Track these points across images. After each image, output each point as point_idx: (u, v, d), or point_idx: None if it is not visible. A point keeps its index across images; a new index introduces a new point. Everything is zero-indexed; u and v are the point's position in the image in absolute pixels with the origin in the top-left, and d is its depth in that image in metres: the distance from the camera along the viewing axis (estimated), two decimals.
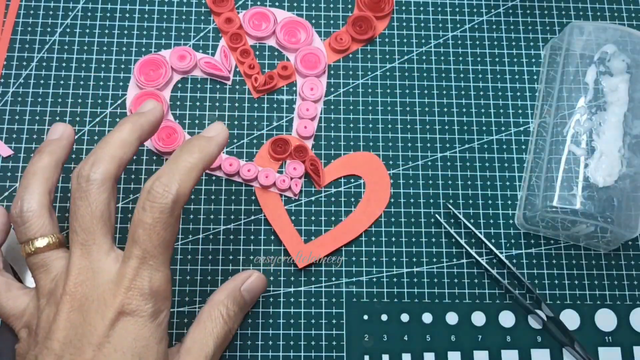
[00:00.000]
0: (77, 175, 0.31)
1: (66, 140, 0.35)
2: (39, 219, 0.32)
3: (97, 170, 0.30)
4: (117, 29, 0.44)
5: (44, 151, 0.34)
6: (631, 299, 0.40)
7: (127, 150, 0.32)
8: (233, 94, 0.43)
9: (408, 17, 0.45)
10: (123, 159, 0.31)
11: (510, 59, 0.45)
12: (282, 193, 0.41)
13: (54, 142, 0.34)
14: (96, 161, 0.31)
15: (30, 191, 0.32)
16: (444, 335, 0.39)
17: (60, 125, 0.35)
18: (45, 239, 0.31)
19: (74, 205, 0.31)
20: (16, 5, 0.44)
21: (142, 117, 0.33)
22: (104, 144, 0.32)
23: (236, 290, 0.36)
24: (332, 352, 0.38)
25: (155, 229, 0.29)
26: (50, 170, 0.33)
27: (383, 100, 0.43)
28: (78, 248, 0.30)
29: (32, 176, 0.32)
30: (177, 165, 0.30)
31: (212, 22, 0.45)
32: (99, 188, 0.30)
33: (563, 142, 0.39)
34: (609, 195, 0.38)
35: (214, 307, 0.34)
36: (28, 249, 0.31)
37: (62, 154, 0.34)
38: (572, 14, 0.46)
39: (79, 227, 0.30)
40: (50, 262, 0.31)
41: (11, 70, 0.43)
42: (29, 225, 0.31)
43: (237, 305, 0.35)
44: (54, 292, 0.30)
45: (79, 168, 0.31)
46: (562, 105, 0.40)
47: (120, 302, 0.29)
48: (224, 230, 0.40)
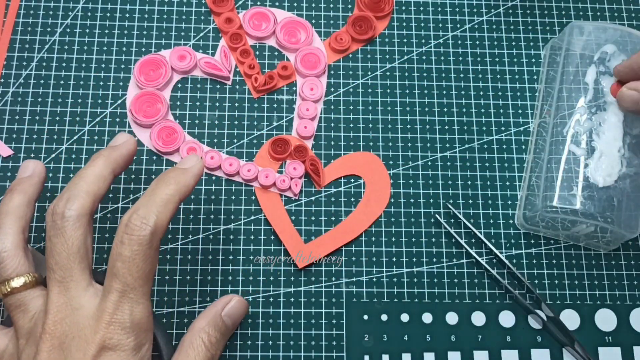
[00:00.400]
0: (52, 213, 0.31)
1: (37, 177, 0.34)
2: (13, 259, 0.31)
3: (72, 207, 0.30)
4: (117, 29, 0.44)
5: (15, 190, 0.33)
6: (631, 299, 0.40)
7: (101, 185, 0.32)
8: (233, 94, 0.43)
9: (408, 17, 0.45)
10: (97, 193, 0.31)
11: (510, 59, 0.45)
12: (282, 193, 0.41)
13: (25, 180, 0.34)
14: (71, 197, 0.31)
15: (3, 232, 0.31)
16: (444, 335, 0.39)
17: (31, 162, 0.35)
18: (21, 279, 0.31)
19: (50, 243, 0.30)
20: (16, 5, 0.44)
21: (115, 151, 0.33)
22: (78, 180, 0.32)
23: (217, 316, 0.35)
24: (332, 352, 0.38)
25: (135, 261, 0.29)
26: (22, 209, 0.32)
27: (383, 100, 0.43)
28: (56, 285, 0.30)
29: (4, 216, 0.32)
30: (154, 198, 0.31)
31: (212, 22, 0.45)
32: (74, 224, 0.30)
33: (563, 142, 0.39)
34: (609, 195, 0.38)
35: (195, 334, 0.34)
36: (4, 289, 0.31)
37: (34, 191, 0.34)
38: (572, 14, 0.46)
39: (56, 265, 0.30)
40: (28, 302, 0.31)
41: (11, 70, 0.43)
42: (3, 265, 0.31)
43: (219, 332, 0.35)
44: (33, 332, 0.30)
45: (53, 205, 0.31)
46: (562, 105, 0.40)
47: (102, 337, 0.29)
48: (224, 230, 0.40)
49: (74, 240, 0.30)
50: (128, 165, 0.34)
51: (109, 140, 0.41)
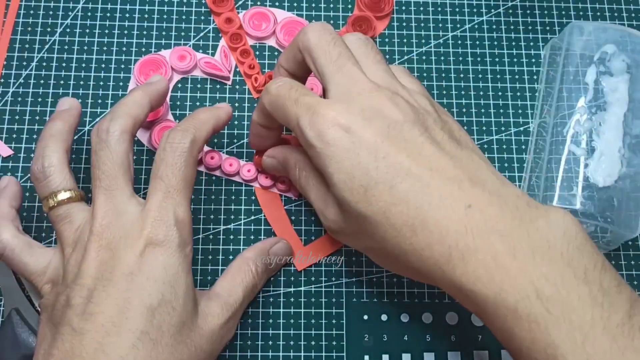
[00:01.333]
0: (97, 130, 0.33)
1: (75, 110, 0.36)
2: (60, 174, 0.33)
3: (116, 124, 0.33)
4: (117, 29, 0.44)
5: (57, 118, 0.35)
6: None
7: (140, 111, 0.34)
8: (233, 94, 0.43)
9: (408, 17, 0.45)
10: (137, 117, 0.34)
11: (510, 59, 0.45)
12: (282, 193, 0.41)
13: (65, 112, 0.36)
14: (114, 117, 0.33)
15: (50, 149, 0.33)
16: (444, 335, 0.39)
17: (68, 99, 0.37)
18: (67, 193, 0.33)
19: (96, 156, 0.32)
20: (16, 5, 0.44)
21: (151, 86, 0.36)
22: (119, 105, 0.34)
23: (265, 250, 0.37)
24: (332, 352, 0.38)
25: (177, 165, 0.32)
26: (65, 134, 0.35)
27: None
28: (102, 193, 0.32)
29: (49, 137, 0.34)
30: (192, 119, 0.34)
31: (212, 22, 0.45)
32: (118, 139, 0.32)
33: (563, 142, 0.39)
34: (609, 195, 0.38)
35: (244, 261, 0.36)
36: (51, 203, 0.32)
37: (73, 121, 0.36)
38: (572, 14, 0.46)
39: (102, 174, 0.32)
40: (74, 214, 0.32)
41: (11, 70, 0.43)
42: (51, 179, 0.33)
43: (265, 265, 0.37)
44: (79, 240, 0.32)
45: (97, 125, 0.33)
46: (562, 105, 0.40)
47: (148, 233, 0.30)
48: (224, 230, 0.40)
49: (118, 153, 0.32)
50: (161, 102, 0.37)
51: None
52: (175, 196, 0.32)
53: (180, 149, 0.32)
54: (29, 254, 0.33)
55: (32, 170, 0.33)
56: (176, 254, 0.31)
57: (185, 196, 0.32)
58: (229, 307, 0.33)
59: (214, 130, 0.35)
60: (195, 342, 0.31)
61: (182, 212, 0.32)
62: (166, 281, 0.30)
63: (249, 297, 0.36)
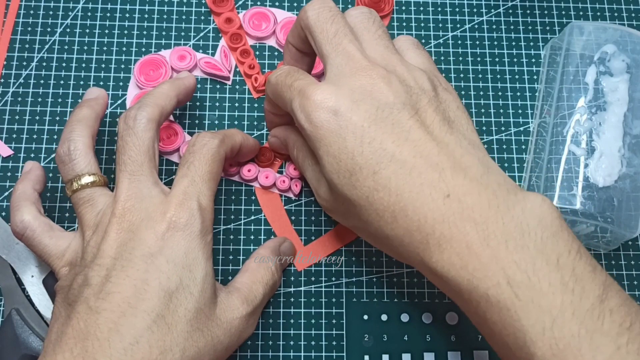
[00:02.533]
0: (125, 117, 0.34)
1: (102, 99, 0.37)
2: (85, 157, 0.33)
3: (143, 112, 0.33)
4: (117, 29, 0.44)
5: (84, 105, 0.36)
6: None
7: (167, 102, 0.35)
8: (233, 94, 0.43)
9: (408, 17, 0.45)
10: (164, 108, 0.35)
11: (510, 59, 0.45)
12: (282, 193, 0.41)
13: (92, 100, 0.37)
14: (142, 106, 0.34)
15: (76, 134, 0.34)
16: (444, 335, 0.39)
17: (96, 88, 0.38)
18: (92, 177, 0.33)
19: (122, 141, 0.33)
20: (16, 5, 0.44)
21: (178, 80, 0.37)
22: (147, 96, 0.35)
23: (277, 248, 0.38)
24: (332, 352, 0.38)
25: (206, 157, 0.33)
26: (91, 120, 0.35)
27: None
28: (126, 178, 0.32)
29: (76, 123, 0.35)
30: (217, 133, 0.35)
31: (212, 22, 0.45)
32: (145, 126, 0.33)
33: (563, 142, 0.39)
34: (609, 195, 0.38)
35: (264, 259, 0.36)
36: (75, 186, 0.33)
37: (100, 109, 0.36)
38: (572, 14, 0.46)
39: (128, 159, 0.32)
40: (96, 197, 0.33)
41: (11, 70, 0.43)
42: (76, 162, 0.33)
43: (279, 261, 0.37)
44: (100, 223, 0.32)
45: (125, 112, 0.34)
46: (562, 105, 0.40)
47: (171, 216, 0.31)
48: (224, 230, 0.40)
49: (144, 140, 0.33)
50: (188, 98, 0.38)
51: (109, 140, 0.41)
52: (200, 185, 0.32)
53: (210, 145, 0.34)
54: (48, 236, 0.33)
55: (57, 153, 0.34)
56: (197, 239, 0.31)
57: (210, 187, 0.33)
58: (249, 302, 0.33)
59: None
60: (213, 331, 0.30)
61: (206, 201, 0.32)
62: (185, 266, 0.30)
63: (269, 295, 0.36)
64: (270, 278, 0.36)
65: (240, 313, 0.32)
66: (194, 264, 0.30)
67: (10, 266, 0.38)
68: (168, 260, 0.30)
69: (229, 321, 0.31)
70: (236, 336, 0.32)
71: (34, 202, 0.34)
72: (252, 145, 0.39)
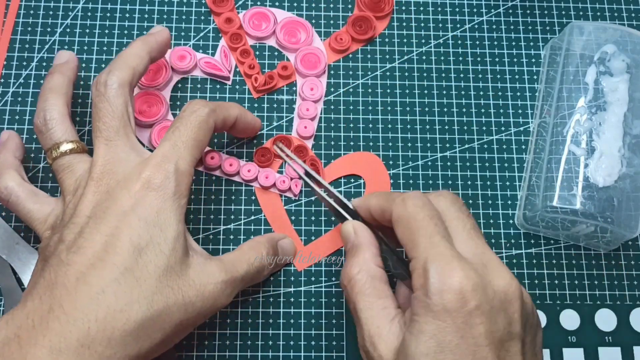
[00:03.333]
0: (96, 83, 0.34)
1: (73, 63, 0.38)
2: (62, 125, 0.34)
3: (113, 77, 0.34)
4: (117, 29, 0.44)
5: (55, 72, 0.36)
6: (631, 299, 0.40)
7: (138, 62, 0.35)
8: (233, 94, 0.43)
9: (408, 17, 0.45)
10: (136, 69, 0.35)
11: (510, 59, 0.45)
12: (282, 193, 0.41)
13: (63, 65, 0.37)
14: (112, 70, 0.34)
15: (51, 102, 0.34)
16: None
17: (65, 51, 0.38)
18: (70, 144, 0.34)
19: (96, 109, 0.33)
20: (16, 5, 0.44)
21: (150, 37, 0.37)
22: (118, 58, 0.35)
23: (275, 241, 0.38)
24: (332, 352, 0.38)
25: (193, 124, 0.33)
26: (64, 87, 0.36)
27: (383, 100, 0.43)
28: (103, 143, 0.33)
29: (49, 92, 0.35)
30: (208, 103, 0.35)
31: (212, 22, 0.45)
32: (116, 91, 0.33)
33: (563, 142, 0.39)
34: (609, 195, 0.38)
35: (257, 244, 0.36)
36: (54, 153, 0.34)
37: (71, 74, 0.37)
38: (572, 14, 0.46)
39: (103, 125, 0.33)
40: (75, 164, 0.33)
41: (11, 70, 0.43)
42: (53, 131, 0.34)
43: (275, 253, 0.37)
44: (79, 187, 0.32)
45: (96, 79, 0.34)
46: (562, 105, 0.40)
47: (146, 176, 0.31)
48: (224, 230, 0.40)
49: (117, 105, 0.33)
50: (163, 53, 0.38)
51: None
52: (182, 149, 0.32)
53: (198, 113, 0.34)
54: (33, 202, 0.34)
55: (34, 124, 0.35)
56: (170, 201, 0.31)
57: (192, 153, 0.33)
58: (227, 272, 0.33)
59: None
60: (184, 290, 0.30)
61: (185, 165, 0.32)
62: (157, 224, 0.30)
63: (252, 277, 0.35)
64: (258, 263, 0.35)
65: (215, 279, 0.32)
66: (166, 224, 0.31)
67: (10, 266, 0.38)
68: (139, 217, 0.30)
69: (203, 284, 0.31)
70: (210, 301, 0.32)
71: (16, 169, 0.36)
72: (251, 121, 0.38)
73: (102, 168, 0.32)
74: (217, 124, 0.35)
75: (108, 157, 0.32)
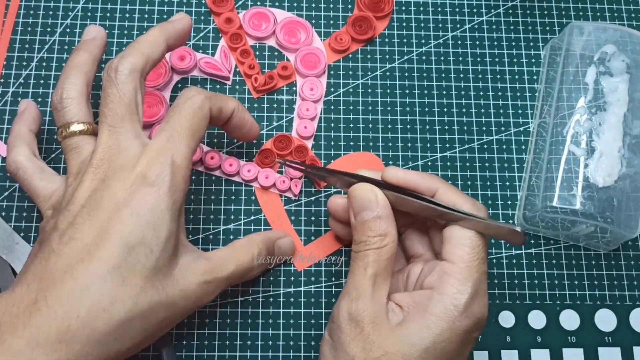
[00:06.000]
0: (107, 68, 0.33)
1: (100, 40, 0.37)
2: (77, 106, 0.34)
3: (124, 62, 0.33)
4: (117, 29, 0.44)
5: (81, 49, 0.36)
6: (631, 299, 0.40)
7: (154, 49, 0.35)
8: (233, 94, 0.43)
9: (408, 17, 0.45)
10: (150, 56, 0.34)
11: (510, 59, 0.45)
12: (282, 193, 0.41)
13: (90, 42, 0.37)
14: (124, 55, 0.34)
15: (70, 81, 0.34)
16: None
17: (94, 27, 0.38)
18: (81, 125, 0.33)
19: (104, 93, 0.33)
20: (16, 5, 0.44)
21: (169, 24, 0.36)
22: (133, 43, 0.35)
23: (271, 240, 0.38)
24: None
25: (187, 112, 0.33)
26: (88, 65, 0.35)
27: (383, 100, 0.43)
28: (106, 129, 0.32)
29: (71, 69, 0.35)
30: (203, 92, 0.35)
31: (212, 22, 0.45)
32: (126, 78, 0.33)
33: (563, 142, 0.39)
34: (608, 195, 0.38)
35: (249, 242, 0.36)
36: (65, 132, 0.33)
37: (98, 52, 0.36)
38: (572, 14, 0.46)
39: (109, 111, 0.32)
40: (83, 145, 0.33)
41: (11, 70, 0.43)
42: (67, 110, 0.33)
43: (268, 253, 0.37)
44: (80, 171, 0.32)
45: (108, 63, 0.34)
46: (562, 106, 0.40)
47: (142, 169, 0.31)
48: (224, 230, 0.40)
49: (125, 92, 0.33)
50: (183, 41, 0.37)
51: None
52: (177, 142, 0.32)
53: (192, 103, 0.33)
54: (39, 178, 0.34)
55: (51, 100, 0.34)
56: (165, 197, 0.30)
57: (188, 145, 0.32)
58: (213, 272, 0.33)
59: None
60: (168, 290, 0.30)
61: (180, 158, 0.32)
62: (150, 223, 0.30)
63: (240, 276, 0.35)
64: (247, 262, 0.35)
65: (198, 279, 0.32)
66: (159, 223, 0.30)
67: (10, 266, 0.38)
68: (132, 213, 0.30)
69: (186, 284, 0.31)
70: (192, 300, 0.32)
71: (29, 143, 0.36)
72: (248, 119, 0.38)
73: (101, 155, 0.32)
74: (213, 112, 0.34)
75: (109, 144, 0.32)
